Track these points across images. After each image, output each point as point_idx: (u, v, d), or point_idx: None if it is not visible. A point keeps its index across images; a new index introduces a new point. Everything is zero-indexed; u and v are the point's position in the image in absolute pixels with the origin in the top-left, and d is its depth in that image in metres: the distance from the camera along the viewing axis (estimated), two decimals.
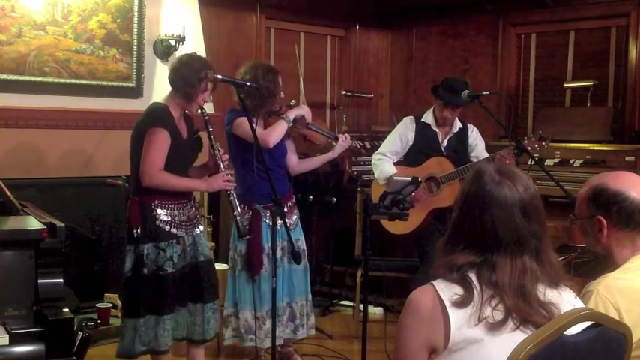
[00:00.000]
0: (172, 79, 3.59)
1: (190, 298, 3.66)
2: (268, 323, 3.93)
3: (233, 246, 4.10)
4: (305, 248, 4.20)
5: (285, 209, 4.04)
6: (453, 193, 4.29)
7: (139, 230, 3.49)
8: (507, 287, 1.64)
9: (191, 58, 3.65)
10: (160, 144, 3.46)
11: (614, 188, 2.00)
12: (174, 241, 3.56)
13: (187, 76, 3.52)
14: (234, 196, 3.62)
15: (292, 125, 4.05)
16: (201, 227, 3.74)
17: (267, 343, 3.94)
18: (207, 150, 3.91)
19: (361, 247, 5.05)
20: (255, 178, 3.83)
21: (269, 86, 3.96)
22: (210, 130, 3.58)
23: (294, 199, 4.25)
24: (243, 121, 3.81)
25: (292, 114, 4.02)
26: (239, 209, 3.66)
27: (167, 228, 3.53)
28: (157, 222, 3.51)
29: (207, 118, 3.59)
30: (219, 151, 3.61)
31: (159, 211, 3.52)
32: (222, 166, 3.60)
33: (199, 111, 3.60)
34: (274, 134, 3.93)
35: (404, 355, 1.68)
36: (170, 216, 3.54)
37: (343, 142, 4.20)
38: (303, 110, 4.07)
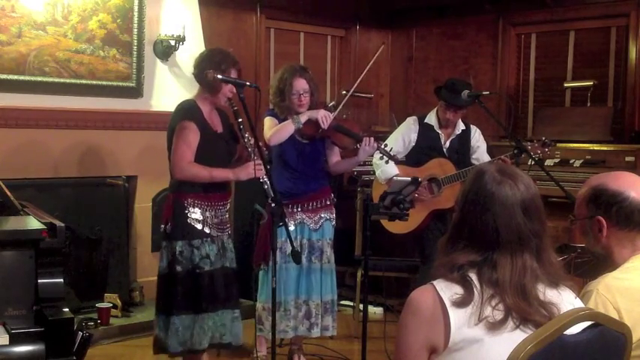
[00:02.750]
0: (196, 75, 3.66)
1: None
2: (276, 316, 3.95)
3: None
4: (327, 250, 4.19)
5: (310, 207, 4.10)
6: (453, 195, 4.28)
7: (168, 226, 3.55)
8: (508, 286, 1.64)
9: (211, 52, 3.73)
10: (188, 136, 3.52)
11: (614, 188, 2.00)
12: (208, 239, 3.59)
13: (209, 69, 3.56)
14: (269, 184, 3.50)
15: (311, 127, 4.04)
16: (228, 233, 3.75)
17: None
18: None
19: (361, 247, 5.05)
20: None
21: (279, 86, 4.04)
22: (240, 120, 3.57)
23: (325, 200, 4.20)
24: (264, 120, 4.04)
25: (304, 117, 4.01)
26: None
27: (199, 226, 3.57)
28: (189, 220, 3.55)
29: (235, 108, 3.60)
30: (249, 139, 3.60)
31: (192, 209, 3.55)
32: (253, 155, 3.58)
33: (229, 102, 3.63)
34: (276, 134, 3.97)
35: (404, 355, 1.68)
36: (202, 215, 3.57)
37: (366, 147, 4.07)
38: (318, 114, 4.02)
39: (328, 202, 4.21)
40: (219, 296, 3.60)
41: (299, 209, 4.09)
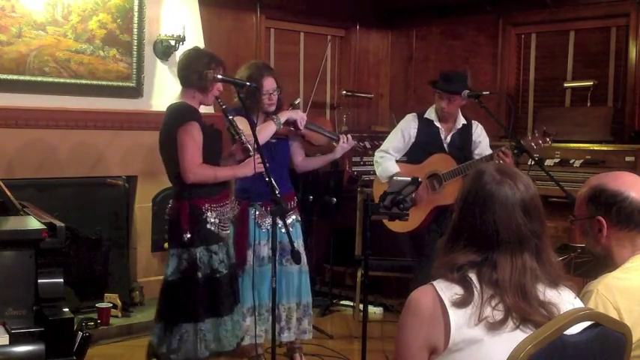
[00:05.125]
0: (185, 75, 3.56)
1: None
2: (249, 320, 3.93)
3: None
4: (303, 252, 4.18)
5: None
6: (455, 191, 4.24)
7: (188, 234, 3.46)
8: (507, 286, 1.64)
9: (198, 52, 3.68)
10: (196, 138, 3.46)
11: (614, 188, 2.01)
12: (222, 243, 3.58)
13: (200, 69, 3.50)
14: (271, 177, 3.41)
15: (287, 127, 4.03)
16: (227, 232, 3.74)
17: (247, 340, 3.95)
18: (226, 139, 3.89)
19: (361, 247, 5.06)
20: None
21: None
22: (231, 117, 3.54)
23: (294, 201, 4.21)
24: (238, 120, 3.79)
25: (284, 117, 4.00)
26: (278, 189, 3.58)
27: (217, 231, 3.55)
28: (208, 225, 3.51)
29: (224, 106, 3.57)
30: (244, 135, 3.58)
31: (209, 214, 3.52)
32: (251, 150, 3.55)
33: (217, 101, 3.59)
34: (261, 135, 3.88)
35: (404, 356, 1.68)
36: (218, 218, 3.55)
37: (344, 144, 4.17)
38: (297, 115, 4.04)
39: (295, 204, 4.21)
40: (231, 298, 3.60)
41: None
